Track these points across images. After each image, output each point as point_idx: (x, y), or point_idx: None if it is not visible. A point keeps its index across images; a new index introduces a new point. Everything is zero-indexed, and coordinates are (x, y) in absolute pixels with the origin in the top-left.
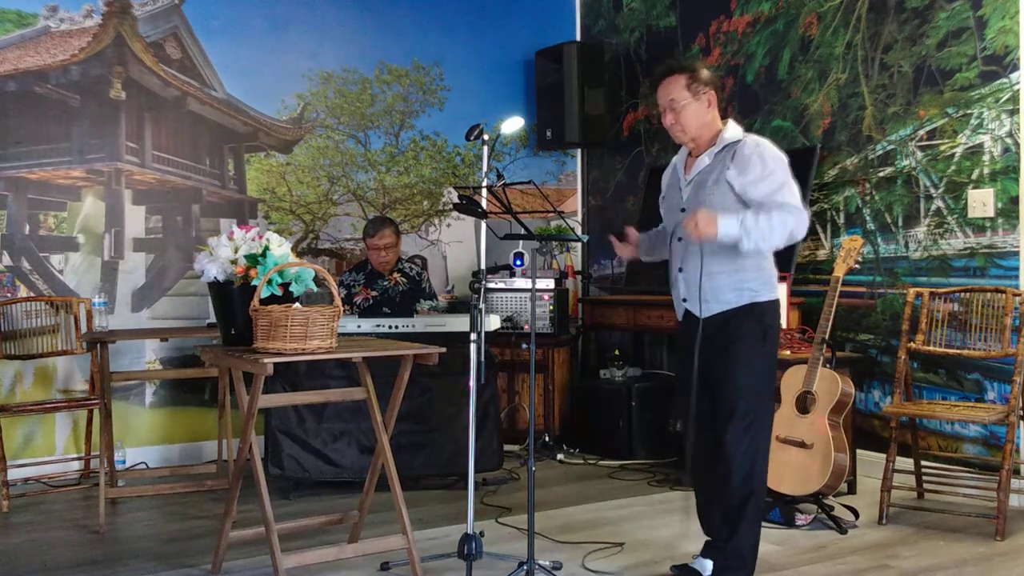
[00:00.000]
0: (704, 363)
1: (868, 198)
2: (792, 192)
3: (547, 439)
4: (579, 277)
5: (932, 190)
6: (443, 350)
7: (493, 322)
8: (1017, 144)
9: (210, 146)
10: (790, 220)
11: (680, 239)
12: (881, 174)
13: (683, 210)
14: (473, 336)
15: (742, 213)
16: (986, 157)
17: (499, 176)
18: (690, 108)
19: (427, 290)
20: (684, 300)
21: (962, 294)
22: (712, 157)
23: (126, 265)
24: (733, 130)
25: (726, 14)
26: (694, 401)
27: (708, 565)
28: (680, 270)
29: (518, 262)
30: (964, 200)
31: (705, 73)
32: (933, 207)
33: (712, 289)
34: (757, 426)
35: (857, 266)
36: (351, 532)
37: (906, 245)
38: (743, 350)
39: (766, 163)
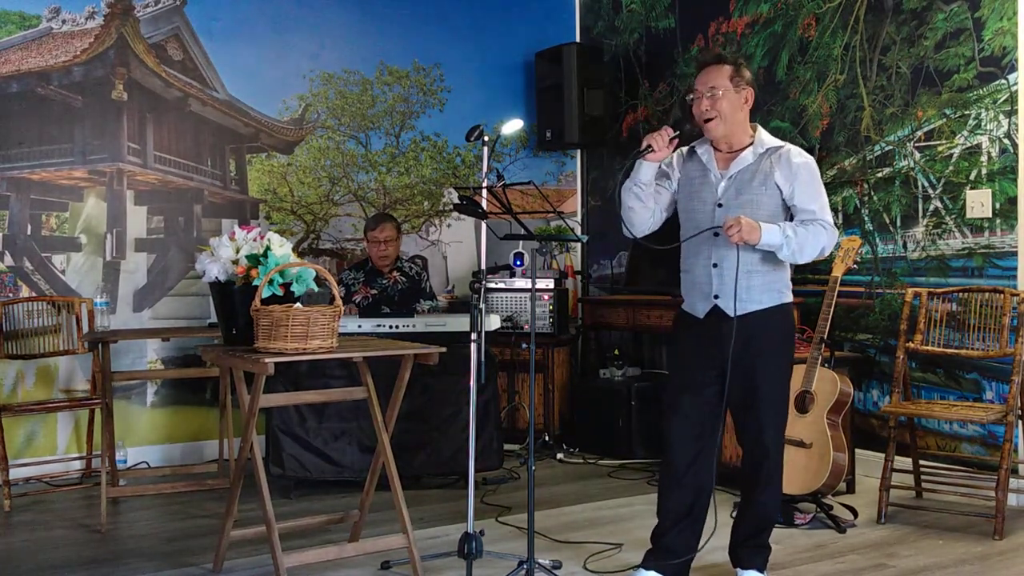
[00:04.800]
0: (736, 362)
1: (866, 198)
2: (829, 210)
3: (547, 438)
4: (579, 277)
5: (930, 190)
6: (443, 350)
7: (493, 322)
8: (1015, 145)
9: (212, 147)
10: (824, 237)
11: (717, 234)
12: (879, 175)
13: (720, 205)
14: (473, 336)
15: (782, 222)
16: (984, 158)
17: (499, 177)
18: (728, 98)
19: (427, 290)
20: (716, 297)
21: (960, 294)
22: (755, 156)
23: (128, 265)
24: (769, 135)
25: (725, 15)
26: (725, 398)
27: None
28: (715, 265)
29: (518, 262)
30: (962, 200)
31: (748, 73)
32: (931, 207)
33: (748, 288)
34: (783, 425)
35: (855, 266)
36: (352, 531)
37: (904, 245)
38: (778, 352)
39: (814, 176)
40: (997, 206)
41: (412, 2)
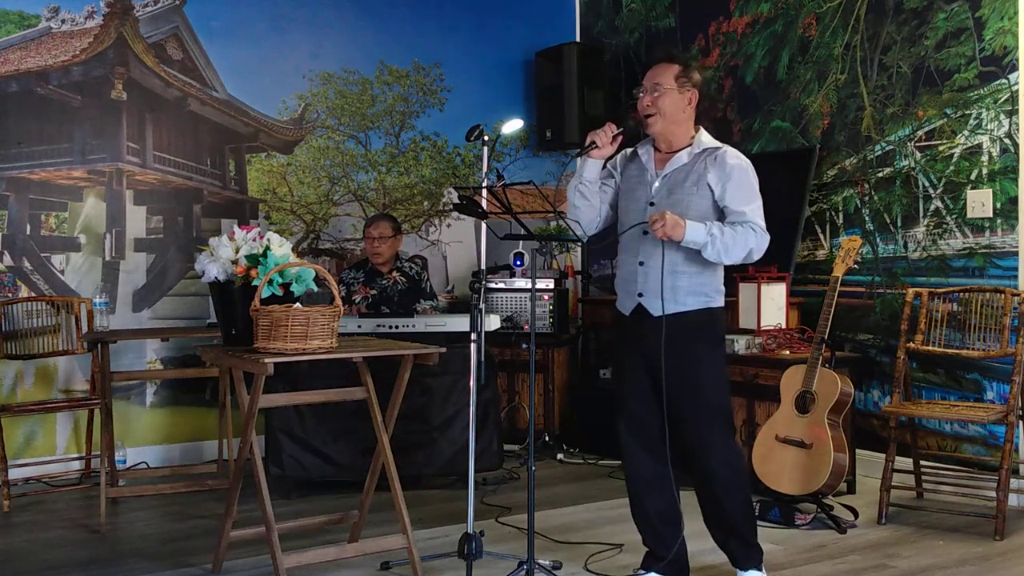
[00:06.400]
0: (657, 362)
1: (867, 198)
2: (762, 214)
3: (547, 439)
4: (579, 277)
5: (931, 190)
6: (443, 350)
7: (493, 322)
8: (1016, 144)
9: (211, 146)
10: (752, 240)
11: (646, 232)
12: (880, 174)
13: (652, 203)
14: (473, 336)
15: (710, 221)
16: (985, 157)
17: (499, 176)
18: (669, 96)
19: (427, 290)
20: (640, 295)
21: (961, 294)
22: (690, 156)
23: (127, 265)
24: (709, 137)
25: (725, 15)
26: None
27: None
28: (641, 263)
29: (518, 262)
30: (963, 200)
31: (697, 75)
32: (932, 207)
33: (673, 288)
34: (724, 422)
35: (856, 266)
36: (351, 532)
37: (905, 245)
38: (704, 353)
39: (748, 179)
40: (998, 206)
41: (412, 2)
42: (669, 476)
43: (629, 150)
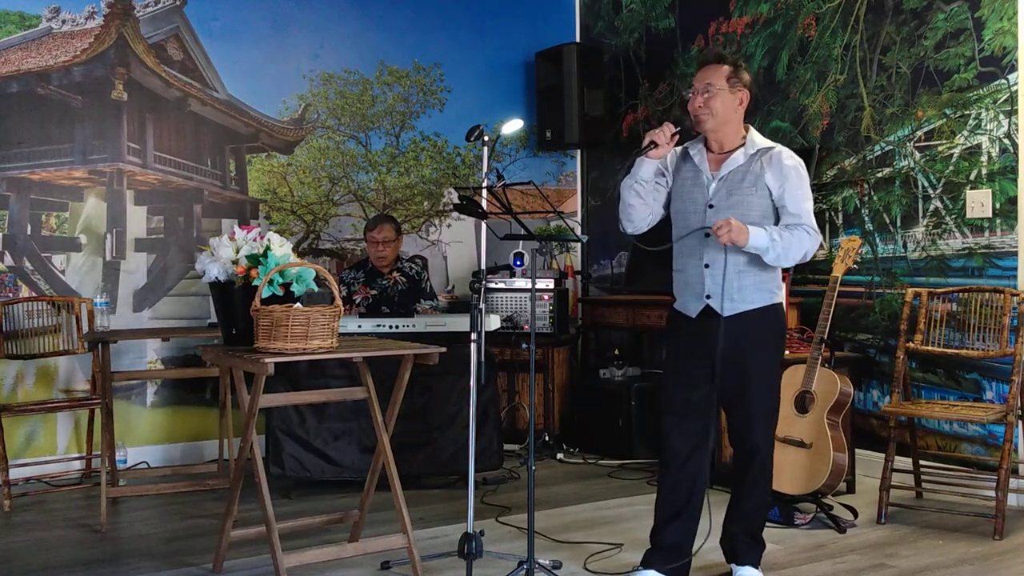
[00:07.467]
0: (723, 362)
1: (866, 199)
2: (813, 215)
3: (547, 439)
4: (579, 277)
5: (930, 190)
6: (443, 350)
7: (493, 322)
8: (1015, 145)
9: (212, 147)
10: (807, 242)
11: (708, 235)
12: (879, 175)
13: (711, 205)
14: (473, 336)
15: (769, 227)
16: (984, 158)
17: (499, 177)
18: (721, 97)
19: (427, 290)
20: (708, 297)
21: (960, 294)
22: (746, 157)
23: (128, 265)
24: (761, 136)
25: (725, 15)
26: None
27: None
28: (707, 266)
29: (518, 262)
30: (962, 200)
31: (747, 75)
32: (931, 207)
33: (740, 288)
34: (772, 419)
35: (855, 266)
36: (352, 531)
37: (904, 245)
38: (768, 351)
39: (803, 180)
40: (997, 206)
41: (412, 2)
42: (705, 473)
43: (679, 148)
